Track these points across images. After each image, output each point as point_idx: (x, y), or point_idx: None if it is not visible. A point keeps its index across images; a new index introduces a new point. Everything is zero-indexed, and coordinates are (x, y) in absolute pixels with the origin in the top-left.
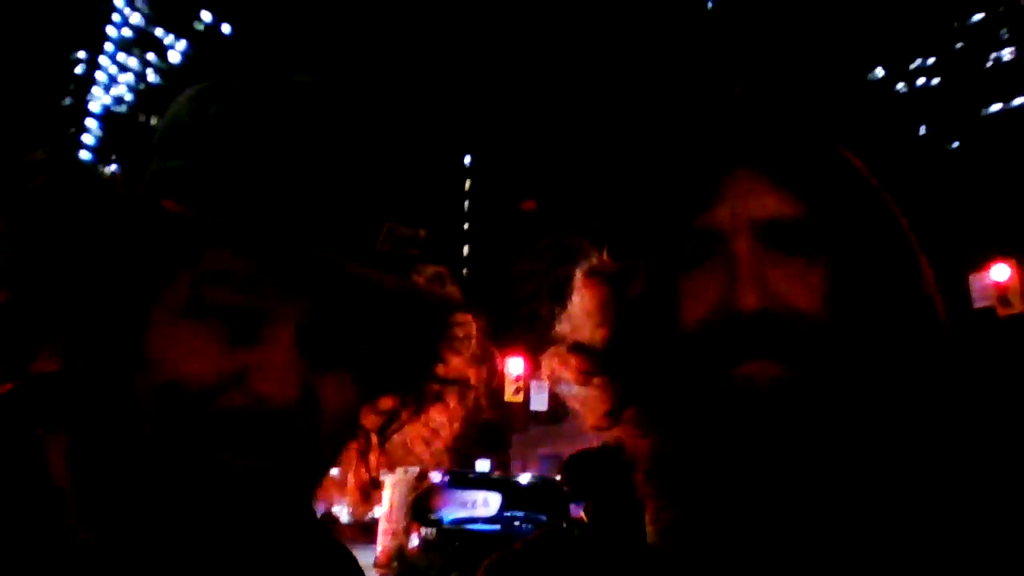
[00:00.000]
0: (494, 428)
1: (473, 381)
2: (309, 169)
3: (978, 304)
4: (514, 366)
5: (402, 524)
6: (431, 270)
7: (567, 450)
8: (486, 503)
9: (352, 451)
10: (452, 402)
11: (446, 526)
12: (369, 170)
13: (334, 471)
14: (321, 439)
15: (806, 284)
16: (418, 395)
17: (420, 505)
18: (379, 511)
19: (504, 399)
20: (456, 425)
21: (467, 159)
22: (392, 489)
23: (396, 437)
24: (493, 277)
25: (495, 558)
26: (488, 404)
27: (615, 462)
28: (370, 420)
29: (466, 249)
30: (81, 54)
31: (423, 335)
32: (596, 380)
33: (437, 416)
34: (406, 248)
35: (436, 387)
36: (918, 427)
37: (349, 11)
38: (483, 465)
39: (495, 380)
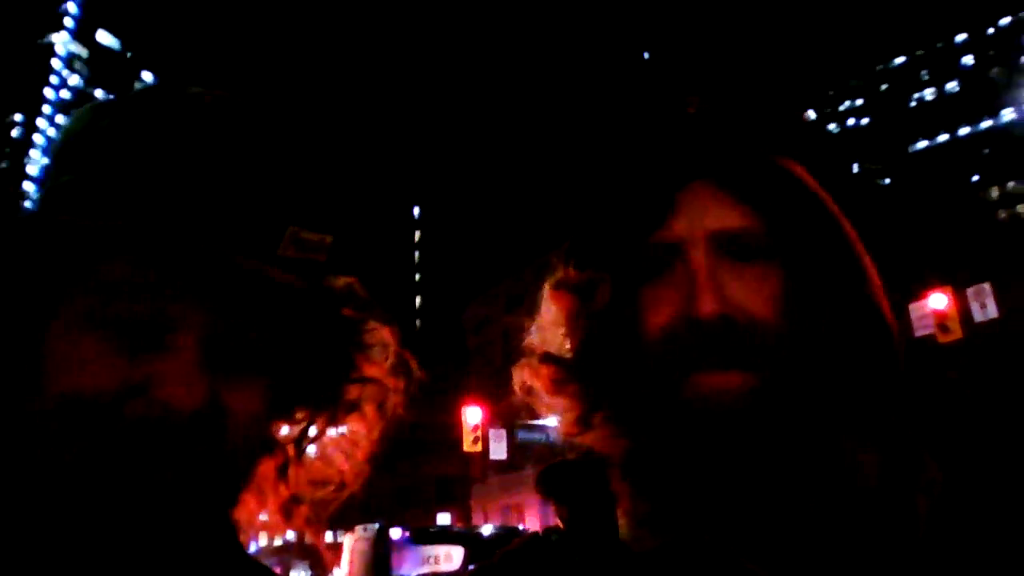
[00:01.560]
0: (452, 480)
1: (391, 389)
2: (202, 176)
3: (918, 333)
4: (472, 415)
5: None
6: (341, 280)
7: (528, 499)
8: (449, 558)
9: (269, 466)
10: (370, 412)
11: None
12: (265, 176)
13: (251, 490)
14: (230, 449)
15: (762, 292)
16: (333, 405)
17: (381, 564)
18: (338, 572)
19: (463, 450)
20: (375, 435)
21: (415, 210)
22: (352, 548)
23: (312, 450)
24: (446, 327)
25: (475, 571)
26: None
27: (589, 470)
28: (284, 434)
29: (418, 300)
30: (18, 116)
31: (334, 342)
32: (567, 388)
33: (355, 427)
34: (311, 253)
35: (352, 396)
36: (870, 429)
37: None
38: (444, 518)
39: (413, 388)
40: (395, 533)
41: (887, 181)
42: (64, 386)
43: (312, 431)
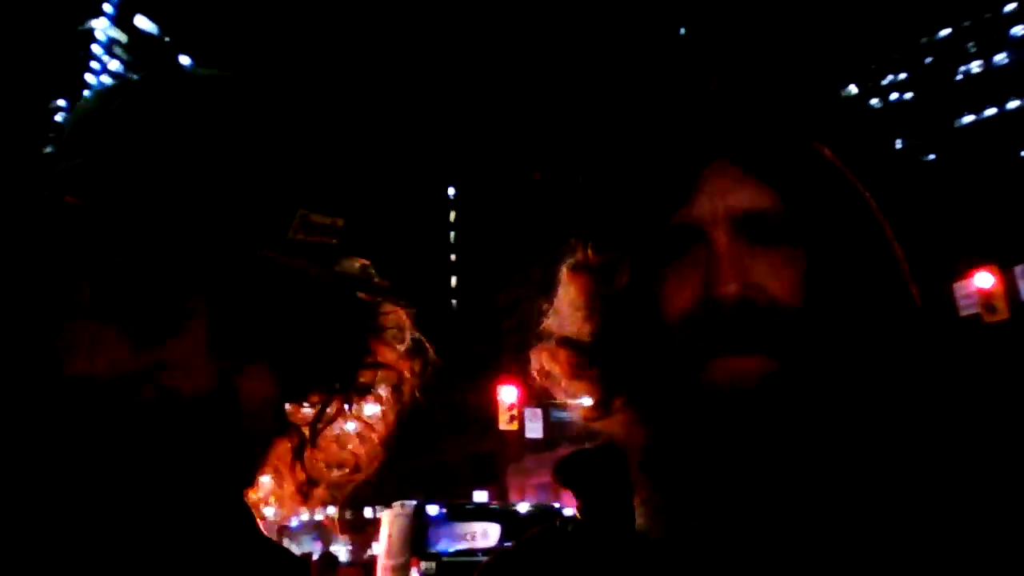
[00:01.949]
0: (489, 458)
1: (406, 373)
2: (212, 159)
3: (964, 312)
4: (507, 394)
5: (401, 559)
6: (356, 263)
7: None
8: (485, 534)
9: (285, 448)
10: (385, 395)
11: (445, 559)
12: (276, 160)
13: (267, 474)
14: (242, 432)
15: (783, 275)
16: (347, 388)
17: (419, 539)
18: (377, 547)
19: (499, 428)
20: (391, 419)
21: (451, 191)
22: (390, 524)
23: (328, 433)
24: (482, 307)
25: (491, 559)
26: (424, 400)
27: (606, 460)
28: (300, 416)
29: (454, 280)
30: (61, 102)
31: (348, 325)
32: (585, 373)
33: (370, 410)
34: (322, 236)
35: (366, 380)
36: (897, 416)
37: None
38: (480, 496)
39: (429, 372)
40: (432, 509)
41: (932, 157)
42: (75, 371)
43: (327, 414)
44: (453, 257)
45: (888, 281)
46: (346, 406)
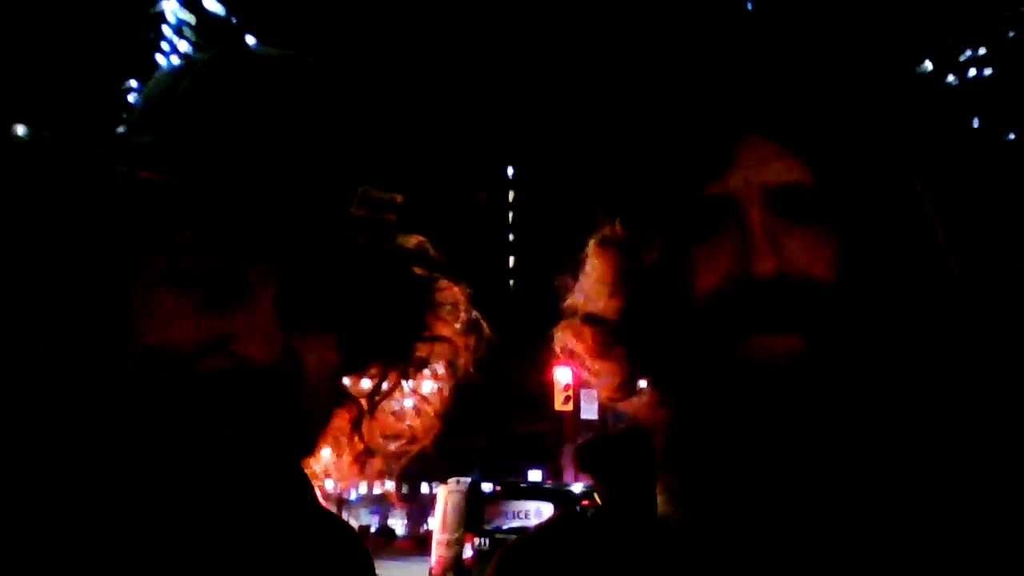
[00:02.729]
0: (544, 438)
1: (461, 348)
2: (277, 136)
3: None
4: (562, 375)
5: (455, 534)
6: (413, 239)
7: None
8: (539, 513)
9: (344, 419)
10: (440, 369)
11: (499, 536)
12: (338, 137)
13: (326, 446)
14: (305, 402)
15: (818, 253)
16: (404, 361)
17: (473, 515)
18: (432, 522)
19: (554, 408)
20: (445, 393)
21: (510, 170)
22: (445, 500)
23: (385, 406)
24: (540, 287)
25: (511, 544)
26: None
27: (629, 445)
28: (358, 389)
29: (511, 260)
30: (133, 82)
31: (405, 299)
32: (610, 351)
33: (426, 383)
34: (381, 212)
35: (422, 354)
36: (934, 401)
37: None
38: (535, 475)
39: (483, 348)
40: (487, 487)
41: (1011, 137)
42: (146, 341)
43: (384, 387)
44: (511, 237)
45: (925, 260)
46: (403, 381)
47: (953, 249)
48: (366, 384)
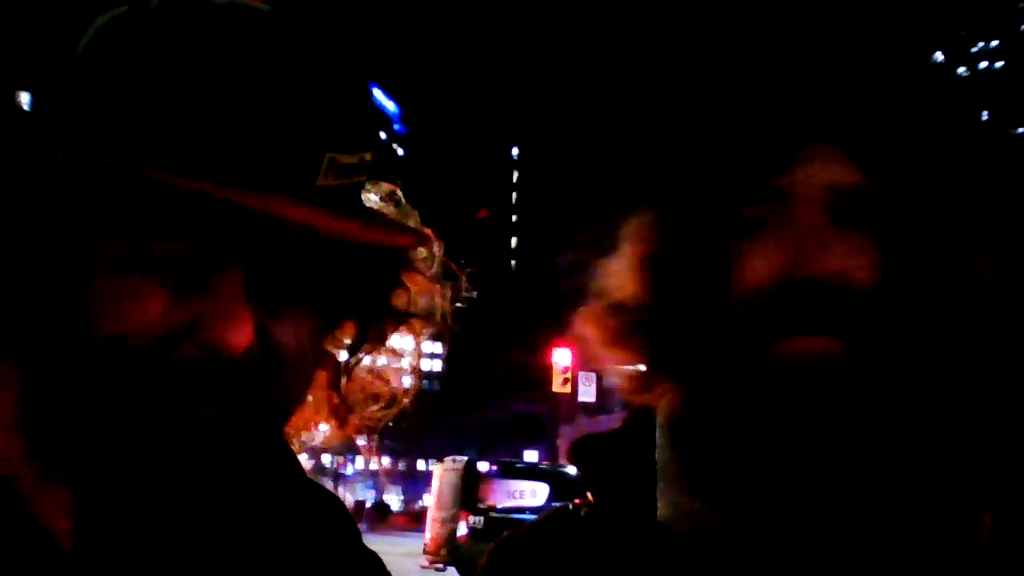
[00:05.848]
0: (542, 419)
1: (437, 299)
2: (232, 100)
3: None
4: (561, 357)
5: (451, 512)
6: (384, 187)
7: None
8: (534, 493)
9: (321, 378)
10: (416, 323)
11: (495, 515)
12: (302, 99)
13: (305, 406)
14: (284, 379)
15: (865, 260)
16: (381, 320)
17: (469, 494)
18: (428, 499)
19: (552, 390)
20: (420, 350)
21: (515, 151)
22: (441, 477)
23: (361, 364)
24: (541, 269)
25: (501, 540)
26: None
27: (624, 444)
28: (334, 346)
29: (514, 241)
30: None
31: (381, 262)
32: (632, 341)
33: (403, 338)
34: (352, 177)
35: (399, 305)
36: (966, 411)
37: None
38: (531, 456)
39: (461, 299)
40: (483, 466)
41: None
42: (110, 329)
43: (361, 346)
44: (514, 218)
45: (968, 278)
46: (379, 337)
47: (981, 255)
48: (342, 343)
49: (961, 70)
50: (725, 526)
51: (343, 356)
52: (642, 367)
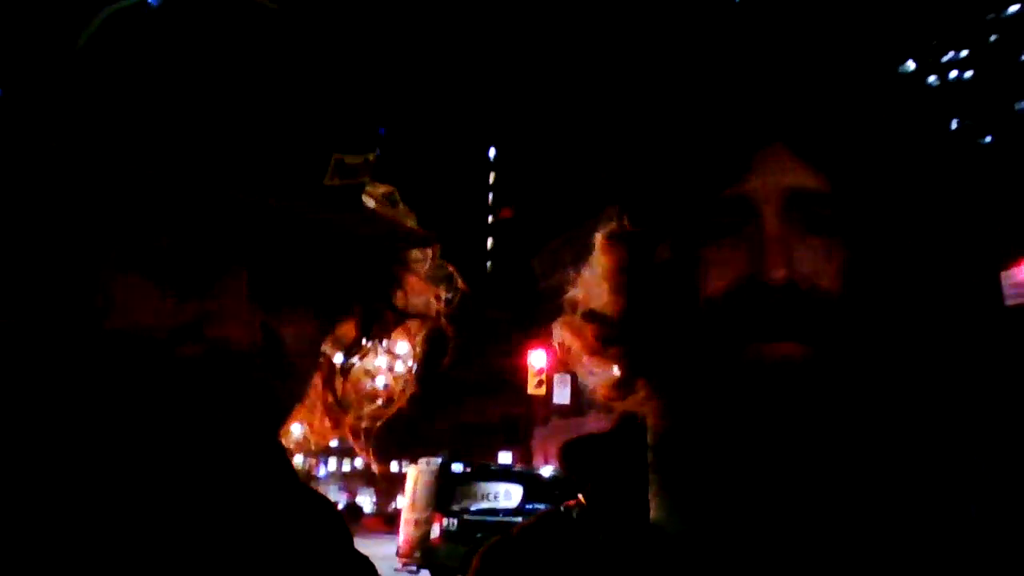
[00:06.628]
0: (516, 421)
1: (432, 299)
2: (244, 103)
3: (1011, 302)
4: (536, 359)
5: (424, 515)
6: (381, 189)
7: None
8: (508, 495)
9: (317, 378)
10: (413, 326)
11: (469, 517)
12: (311, 99)
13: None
14: (286, 378)
15: (830, 264)
16: (379, 321)
17: (443, 496)
18: (401, 501)
19: (527, 392)
20: (419, 348)
21: (491, 152)
22: (415, 479)
23: (358, 365)
24: (517, 270)
25: (491, 544)
26: (455, 332)
27: (617, 446)
28: (331, 346)
29: (490, 242)
30: None
31: (379, 261)
32: (609, 350)
33: (400, 339)
34: (356, 177)
35: (397, 309)
36: (936, 417)
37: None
38: (505, 457)
39: (456, 300)
40: (457, 468)
41: (988, 139)
42: (116, 326)
43: (358, 346)
44: (490, 219)
45: (933, 277)
46: (375, 336)
47: (945, 257)
48: (339, 343)
49: (932, 79)
50: (716, 528)
51: (339, 358)
52: (619, 373)
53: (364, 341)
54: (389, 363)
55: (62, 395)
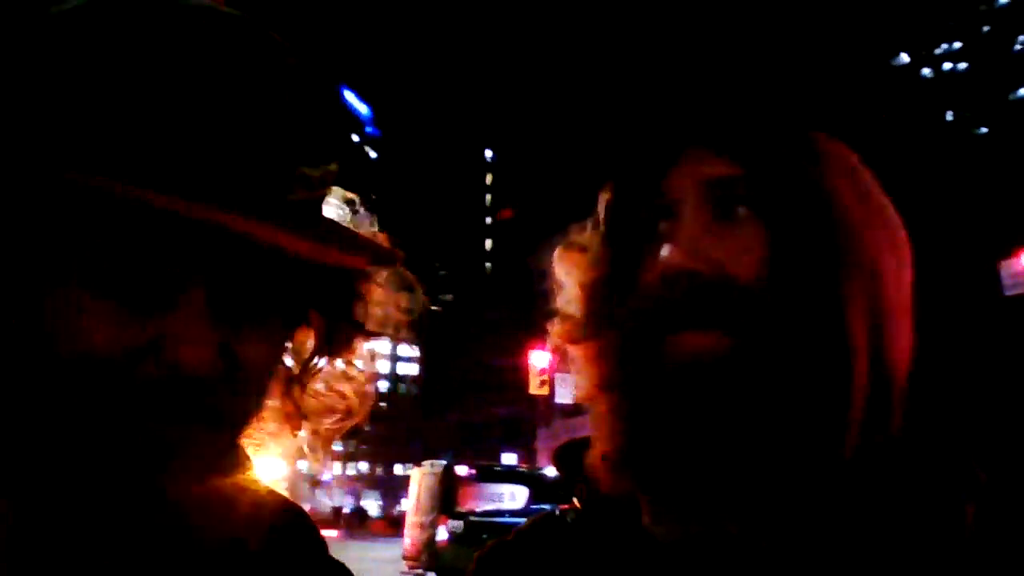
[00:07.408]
0: (520, 422)
1: (392, 309)
2: (205, 114)
3: (1009, 292)
4: (538, 359)
5: (430, 517)
6: (344, 196)
7: None
8: (513, 496)
9: (275, 388)
10: (371, 334)
11: (474, 519)
12: (271, 112)
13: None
14: (245, 394)
15: (746, 254)
16: (338, 332)
17: (448, 498)
18: (407, 504)
19: (529, 392)
20: (376, 358)
21: (488, 153)
22: (419, 482)
23: (318, 373)
24: (516, 271)
25: (488, 548)
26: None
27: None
28: (289, 357)
29: (488, 243)
30: None
31: (340, 275)
32: (584, 353)
33: (359, 349)
34: (319, 190)
35: (356, 322)
36: (948, 420)
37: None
38: (510, 459)
39: (421, 308)
40: (461, 470)
41: (983, 131)
42: (70, 346)
43: (317, 357)
44: (488, 220)
45: (930, 270)
46: (334, 350)
47: (920, 243)
48: (298, 354)
49: (926, 71)
50: (708, 531)
51: (296, 367)
52: (592, 377)
53: (321, 356)
54: (347, 371)
55: (15, 418)
